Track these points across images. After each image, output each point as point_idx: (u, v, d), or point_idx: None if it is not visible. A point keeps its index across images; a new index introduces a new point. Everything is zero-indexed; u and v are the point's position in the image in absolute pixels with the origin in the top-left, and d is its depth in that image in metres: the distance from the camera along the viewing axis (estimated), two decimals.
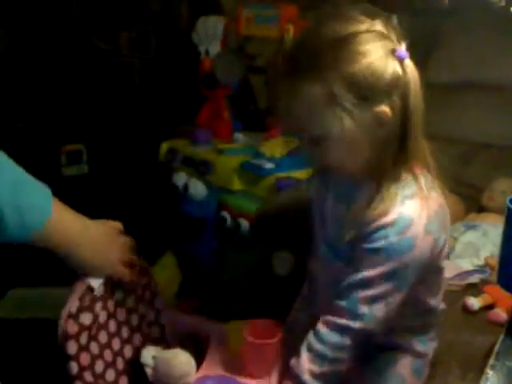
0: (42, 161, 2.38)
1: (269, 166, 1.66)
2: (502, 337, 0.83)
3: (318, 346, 0.90)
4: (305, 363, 0.91)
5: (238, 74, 1.98)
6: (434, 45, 2.05)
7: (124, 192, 2.39)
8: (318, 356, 0.90)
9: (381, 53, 0.81)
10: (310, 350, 0.91)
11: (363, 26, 0.82)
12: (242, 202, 1.72)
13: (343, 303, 0.88)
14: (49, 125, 2.50)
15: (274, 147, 1.75)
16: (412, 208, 0.85)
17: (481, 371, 0.76)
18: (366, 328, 0.88)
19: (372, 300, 0.87)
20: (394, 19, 0.85)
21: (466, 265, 1.45)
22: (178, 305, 1.89)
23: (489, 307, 1.28)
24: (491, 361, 0.74)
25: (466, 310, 1.29)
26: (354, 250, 0.89)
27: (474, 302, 1.29)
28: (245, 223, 1.69)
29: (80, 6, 2.61)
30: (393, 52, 0.82)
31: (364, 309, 0.87)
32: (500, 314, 1.24)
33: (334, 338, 0.89)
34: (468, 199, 1.77)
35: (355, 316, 0.88)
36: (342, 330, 0.89)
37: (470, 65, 1.94)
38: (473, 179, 1.84)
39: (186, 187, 1.88)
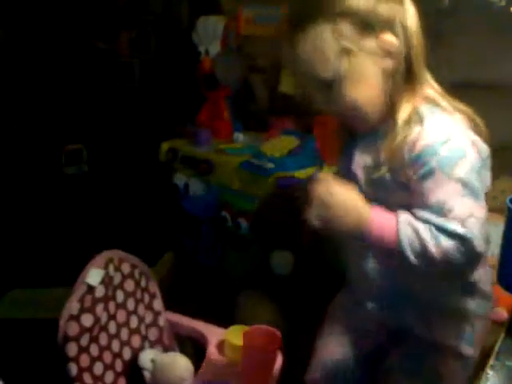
0: (44, 160, 2.39)
1: (269, 165, 1.66)
2: (502, 336, 0.83)
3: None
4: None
5: (238, 73, 1.98)
6: (434, 45, 2.05)
7: (124, 192, 2.39)
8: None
9: None
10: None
11: None
12: (242, 202, 1.72)
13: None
14: (50, 125, 2.50)
15: (274, 147, 1.75)
16: (444, 118, 0.87)
17: (481, 371, 0.75)
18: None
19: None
20: None
21: None
22: (175, 307, 1.89)
23: None
24: (491, 361, 0.74)
25: None
26: (408, 187, 0.86)
27: None
28: (245, 223, 1.70)
29: (80, 6, 2.61)
30: None
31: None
32: (501, 312, 1.24)
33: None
34: None
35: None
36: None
37: (470, 65, 1.94)
38: None
39: (186, 187, 1.88)
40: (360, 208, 0.86)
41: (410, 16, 0.87)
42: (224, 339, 1.13)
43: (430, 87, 0.93)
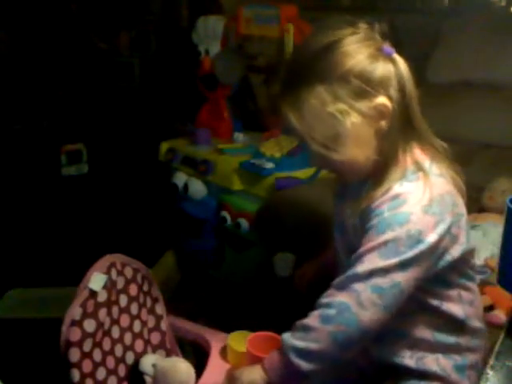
0: (42, 161, 2.39)
1: (269, 165, 1.66)
2: (501, 337, 0.83)
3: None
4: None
5: (238, 73, 1.98)
6: (434, 45, 2.05)
7: (124, 192, 2.39)
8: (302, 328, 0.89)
9: (369, 51, 0.87)
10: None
11: (348, 31, 0.88)
12: (242, 202, 1.72)
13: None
14: (49, 125, 2.50)
15: (274, 147, 1.75)
16: (410, 189, 0.87)
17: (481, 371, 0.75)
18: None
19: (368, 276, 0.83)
20: (376, 24, 0.91)
21: None
22: (175, 307, 1.89)
23: (488, 308, 1.28)
24: (491, 361, 0.74)
25: None
26: None
27: None
28: (245, 223, 1.69)
29: (80, 6, 2.61)
30: (380, 49, 0.88)
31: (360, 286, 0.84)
32: (498, 315, 1.23)
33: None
34: (468, 199, 1.77)
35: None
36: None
37: (470, 65, 1.94)
38: (473, 179, 1.84)
39: (185, 187, 1.88)
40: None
41: (405, 76, 0.87)
42: (227, 344, 1.12)
43: (430, 143, 0.93)
